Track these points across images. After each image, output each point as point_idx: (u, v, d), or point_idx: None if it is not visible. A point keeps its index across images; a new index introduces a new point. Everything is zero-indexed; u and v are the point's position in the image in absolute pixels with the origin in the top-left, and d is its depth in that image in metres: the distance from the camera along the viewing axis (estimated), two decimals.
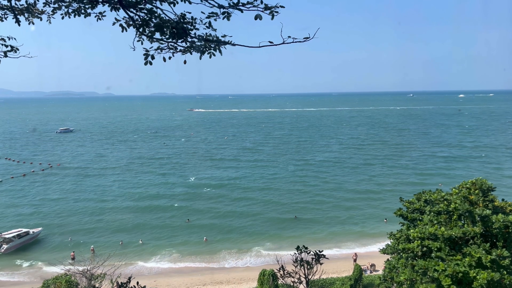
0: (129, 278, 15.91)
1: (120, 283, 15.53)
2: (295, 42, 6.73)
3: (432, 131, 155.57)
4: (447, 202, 20.61)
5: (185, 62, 7.49)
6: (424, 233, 19.18)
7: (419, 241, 19.12)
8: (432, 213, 20.84)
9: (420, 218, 21.79)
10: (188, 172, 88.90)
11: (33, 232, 52.42)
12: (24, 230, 51.87)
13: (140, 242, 51.53)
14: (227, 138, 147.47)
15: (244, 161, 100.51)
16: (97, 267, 28.25)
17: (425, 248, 18.90)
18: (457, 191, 20.95)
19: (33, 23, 7.93)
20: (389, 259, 23.82)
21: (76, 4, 7.28)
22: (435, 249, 18.34)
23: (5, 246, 48.62)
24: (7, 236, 49.39)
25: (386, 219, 55.10)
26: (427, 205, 22.19)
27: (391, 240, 22.79)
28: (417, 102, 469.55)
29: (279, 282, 32.38)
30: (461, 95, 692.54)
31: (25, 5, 7.62)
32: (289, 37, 6.63)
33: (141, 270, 44.45)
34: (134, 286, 15.68)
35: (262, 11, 6.47)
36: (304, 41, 6.71)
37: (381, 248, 25.01)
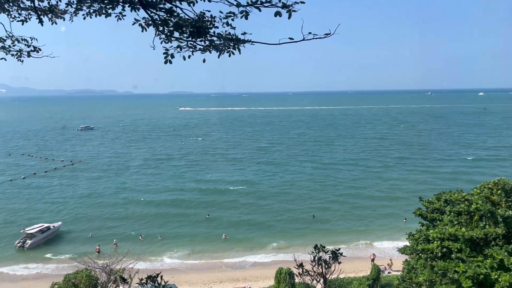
0: (157, 274, 16.33)
1: (148, 276, 15.94)
2: (316, 38, 6.66)
3: (453, 130, 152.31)
4: (468, 203, 20.22)
5: (204, 61, 7.52)
6: (444, 233, 18.86)
7: (439, 241, 18.81)
8: (453, 214, 20.48)
9: (440, 218, 21.44)
10: (207, 170, 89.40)
11: (53, 226, 53.64)
12: (46, 225, 53.11)
13: (159, 238, 52.16)
14: (244, 136, 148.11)
15: (262, 160, 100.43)
16: (116, 262, 28.72)
17: (445, 249, 18.58)
18: (478, 191, 20.52)
19: (55, 23, 8.09)
20: (408, 259, 23.51)
21: (97, 5, 7.40)
22: (456, 250, 18.01)
23: (29, 242, 49.84)
24: (30, 231, 50.63)
25: (405, 219, 54.23)
26: (447, 205, 21.81)
27: (410, 241, 22.49)
28: (436, 100, 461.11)
29: (296, 281, 32.34)
30: (480, 93, 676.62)
31: (48, 6, 7.79)
32: (310, 33, 6.56)
33: (159, 265, 44.96)
34: (157, 280, 16.03)
35: (280, 8, 6.43)
36: (325, 37, 6.63)
37: (400, 248, 24.73)
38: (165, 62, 7.24)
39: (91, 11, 7.53)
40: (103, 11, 7.49)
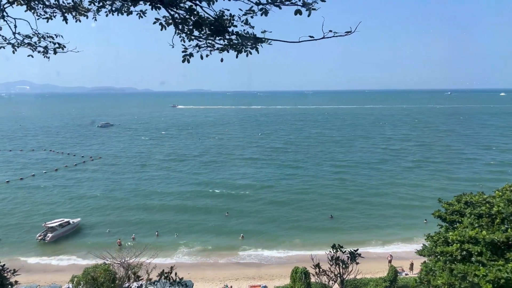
0: (171, 268, 16.39)
1: (162, 271, 16.04)
2: (336, 36, 6.59)
3: (474, 132, 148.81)
4: (490, 205, 19.78)
5: (222, 60, 7.55)
6: (464, 236, 18.51)
7: (459, 244, 18.47)
8: (473, 216, 20.08)
9: (460, 221, 21.06)
10: (225, 169, 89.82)
11: (73, 222, 54.78)
12: (66, 219, 54.31)
13: (175, 235, 52.66)
14: (261, 135, 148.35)
15: (279, 160, 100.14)
16: (134, 257, 29.16)
17: (464, 252, 18.23)
18: (500, 193, 20.06)
19: (79, 21, 8.26)
20: (426, 261, 23.15)
21: (119, 3, 7.51)
22: (476, 253, 17.66)
23: (49, 235, 51.05)
24: (51, 225, 51.85)
25: (426, 220, 53.18)
26: (468, 207, 21.38)
27: (428, 242, 22.14)
28: (456, 100, 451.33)
29: (311, 280, 32.22)
30: (502, 94, 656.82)
31: (72, 4, 7.96)
32: (330, 31, 6.50)
33: (176, 262, 45.32)
34: (172, 276, 16.12)
35: (300, 7, 6.39)
36: (346, 35, 6.54)
37: (418, 249, 24.37)
38: (183, 61, 7.30)
39: (113, 9, 7.66)
40: (125, 9, 7.61)
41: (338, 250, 22.18)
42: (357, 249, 21.72)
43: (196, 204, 64.83)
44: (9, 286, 19.48)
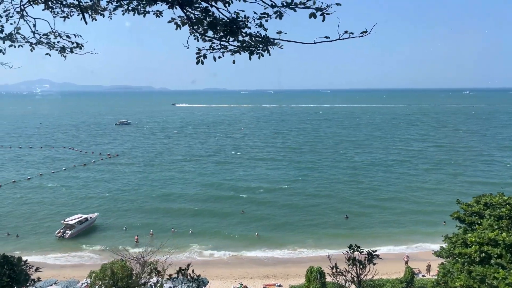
0: (188, 265, 16.59)
1: (180, 269, 16.25)
2: (352, 37, 6.53)
3: (495, 132, 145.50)
4: (510, 207, 19.35)
5: (233, 62, 7.57)
6: (483, 238, 18.15)
7: (477, 246, 18.12)
8: (493, 217, 19.67)
9: (479, 222, 20.65)
10: (240, 168, 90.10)
11: (90, 217, 55.68)
12: (84, 216, 55.24)
13: (190, 232, 53.03)
14: (276, 134, 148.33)
15: (295, 159, 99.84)
16: (150, 254, 29.45)
17: (483, 254, 17.87)
18: None
19: (95, 20, 8.38)
20: (444, 263, 22.80)
21: (136, 2, 7.59)
22: (495, 255, 17.30)
23: (68, 232, 52.05)
24: (69, 222, 52.82)
25: (444, 222, 52.12)
26: (487, 208, 20.95)
27: (446, 243, 21.79)
28: (475, 99, 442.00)
29: (327, 280, 32.06)
30: None
31: (90, 3, 8.08)
32: (346, 32, 6.45)
33: (191, 259, 45.62)
34: (189, 273, 16.30)
35: (315, 10, 6.37)
36: (361, 36, 6.49)
37: (435, 251, 24.00)
38: (197, 63, 7.35)
39: (130, 8, 7.73)
40: (141, 9, 7.68)
41: (355, 250, 21.99)
42: (375, 250, 21.51)
43: (212, 202, 65.15)
44: (32, 282, 19.98)
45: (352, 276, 23.02)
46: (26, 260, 19.82)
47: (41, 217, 59.36)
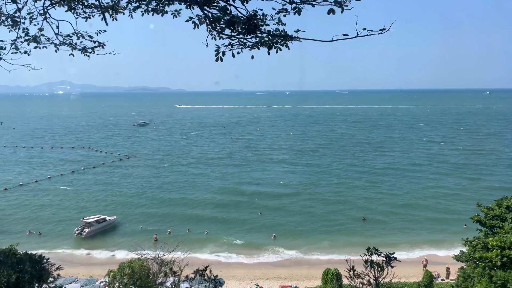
0: (206, 267, 16.75)
1: (198, 269, 16.42)
2: (370, 35, 6.45)
3: None
4: None
5: (252, 57, 7.57)
6: (505, 242, 17.73)
7: (499, 250, 17.70)
8: None
9: (501, 226, 20.19)
10: (257, 170, 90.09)
11: (109, 219, 56.47)
12: (102, 216, 56.09)
13: (206, 233, 53.31)
14: (292, 134, 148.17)
15: (311, 162, 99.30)
16: (167, 254, 29.72)
17: (505, 258, 17.45)
18: None
19: (116, 19, 8.55)
20: (464, 267, 22.34)
21: (155, 2, 7.69)
22: None
23: (86, 230, 52.94)
24: (88, 221, 53.72)
25: (465, 224, 50.91)
26: (509, 212, 20.48)
27: (467, 247, 21.35)
28: (497, 100, 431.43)
29: (343, 282, 31.79)
30: None
31: (111, 3, 8.24)
32: (364, 29, 6.38)
33: (207, 259, 45.79)
34: (207, 273, 16.45)
35: (334, 6, 6.30)
36: (380, 33, 6.40)
37: (455, 254, 23.55)
38: (216, 60, 7.38)
39: (149, 8, 7.85)
40: (160, 9, 7.79)
41: (373, 253, 21.73)
42: (393, 253, 21.22)
43: (228, 204, 65.32)
44: (53, 279, 20.42)
45: (370, 278, 22.76)
46: (48, 258, 20.25)
47: (61, 216, 60.48)
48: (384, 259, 21.14)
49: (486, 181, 76.43)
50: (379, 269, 21.81)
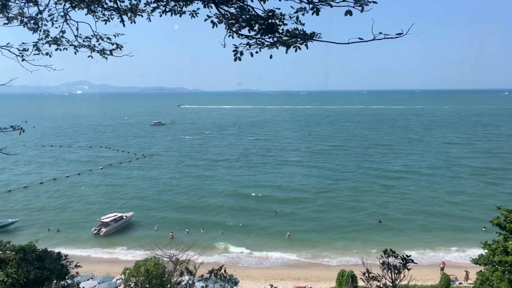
0: (221, 267, 16.89)
1: (212, 269, 16.57)
2: (387, 38, 6.38)
3: None
4: None
5: (271, 56, 7.56)
6: None
7: None
8: None
9: None
10: (272, 170, 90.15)
11: (126, 216, 57.16)
12: (119, 214, 56.81)
13: (220, 232, 53.52)
14: (307, 134, 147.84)
15: (326, 162, 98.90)
16: (182, 253, 29.95)
17: None
18: None
19: (134, 22, 8.67)
20: (482, 270, 21.95)
21: (173, 3, 7.77)
22: None
23: (104, 230, 53.72)
24: (105, 220, 54.49)
25: (485, 227, 49.91)
26: None
27: (486, 250, 20.97)
28: None
29: (359, 284, 31.54)
30: None
31: (129, 6, 8.36)
32: (380, 33, 6.32)
33: (221, 259, 46.03)
34: (222, 273, 16.56)
35: (352, 7, 6.24)
36: (397, 37, 6.34)
37: (473, 258, 23.15)
38: (235, 60, 7.40)
39: (167, 9, 7.92)
40: (178, 10, 7.85)
41: (390, 255, 21.52)
42: (410, 255, 20.98)
43: (243, 203, 65.47)
44: (71, 276, 20.80)
45: (386, 281, 22.55)
46: (67, 255, 20.63)
47: (79, 214, 61.58)
48: (401, 261, 20.93)
49: (505, 186, 74.06)
50: (396, 271, 21.59)
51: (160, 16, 8.12)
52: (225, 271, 16.55)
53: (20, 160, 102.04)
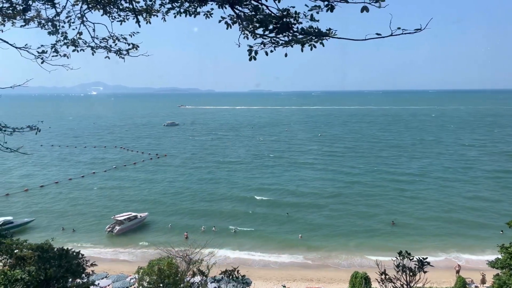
0: (234, 268, 16.94)
1: (226, 270, 16.61)
2: (405, 33, 6.29)
3: None
4: None
5: (286, 55, 7.53)
6: None
7: None
8: None
9: None
10: (285, 172, 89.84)
11: (140, 216, 57.61)
12: (133, 214, 57.29)
13: (233, 231, 53.66)
14: (320, 135, 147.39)
15: (338, 165, 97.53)
16: (196, 252, 30.11)
17: None
18: None
19: (150, 23, 8.76)
20: (499, 274, 21.55)
21: (188, 4, 7.80)
22: None
23: (117, 228, 54.25)
24: (119, 218, 55.01)
25: (502, 230, 48.77)
26: None
27: (502, 254, 20.58)
28: None
29: (373, 286, 31.27)
30: None
31: (145, 7, 8.45)
32: (399, 28, 6.23)
33: (233, 259, 46.01)
34: (235, 274, 16.58)
35: (369, 3, 6.16)
36: (415, 32, 6.24)
37: (490, 261, 22.76)
38: (250, 59, 7.38)
39: (182, 10, 7.97)
40: (192, 10, 7.89)
41: (405, 257, 21.26)
42: (426, 257, 20.70)
43: (256, 204, 65.54)
44: (86, 275, 21.05)
45: (402, 283, 22.28)
46: (83, 254, 20.85)
47: (93, 213, 62.34)
48: (416, 263, 20.66)
49: None
50: (411, 273, 21.33)
51: (175, 17, 8.17)
52: (238, 271, 16.54)
53: (36, 160, 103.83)
